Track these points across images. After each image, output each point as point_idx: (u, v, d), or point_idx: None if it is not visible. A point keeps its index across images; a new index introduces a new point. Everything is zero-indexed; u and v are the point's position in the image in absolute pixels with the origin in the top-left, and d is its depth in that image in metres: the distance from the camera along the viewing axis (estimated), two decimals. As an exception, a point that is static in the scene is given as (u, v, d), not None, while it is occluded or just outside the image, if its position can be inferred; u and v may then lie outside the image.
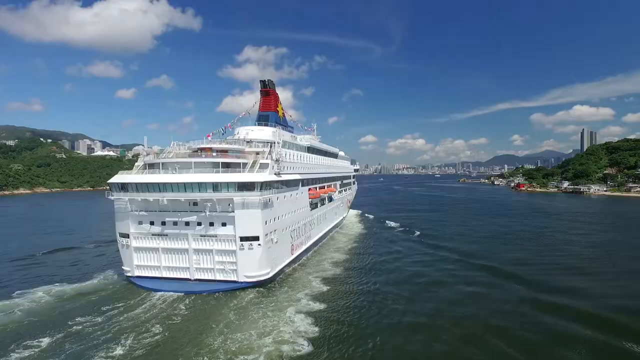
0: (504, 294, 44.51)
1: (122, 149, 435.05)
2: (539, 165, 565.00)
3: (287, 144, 61.12)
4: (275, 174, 50.46)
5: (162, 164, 49.74)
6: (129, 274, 49.28)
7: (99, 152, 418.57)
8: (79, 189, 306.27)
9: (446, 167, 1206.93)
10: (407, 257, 63.27)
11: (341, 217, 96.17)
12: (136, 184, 47.33)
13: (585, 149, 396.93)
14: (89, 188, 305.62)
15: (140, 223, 48.77)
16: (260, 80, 71.14)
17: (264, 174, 47.45)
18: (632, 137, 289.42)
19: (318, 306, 39.44)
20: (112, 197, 49.09)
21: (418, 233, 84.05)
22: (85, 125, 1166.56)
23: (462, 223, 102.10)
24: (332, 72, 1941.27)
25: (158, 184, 46.27)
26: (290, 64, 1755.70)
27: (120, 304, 40.01)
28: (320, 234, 72.54)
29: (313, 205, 68.81)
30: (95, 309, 38.68)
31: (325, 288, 45.69)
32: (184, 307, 39.47)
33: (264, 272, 47.08)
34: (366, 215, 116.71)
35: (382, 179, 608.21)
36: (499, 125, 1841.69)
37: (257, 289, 45.13)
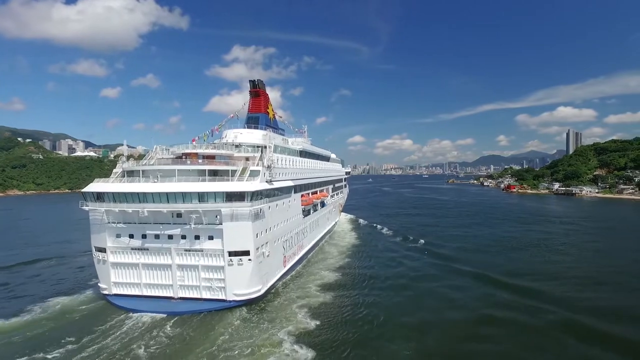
0: (532, 319, 39.52)
1: (104, 150, 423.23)
2: (524, 165, 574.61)
3: (278, 148, 57.24)
4: (266, 181, 46.51)
5: (143, 171, 45.59)
6: (105, 292, 45.12)
7: (78, 153, 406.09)
8: (56, 191, 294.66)
9: (434, 168, 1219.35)
10: (412, 276, 55.60)
11: (333, 222, 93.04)
12: (113, 193, 43.13)
13: (571, 150, 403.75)
14: (67, 190, 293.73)
15: (118, 236, 44.85)
16: (250, 81, 68.06)
17: (254, 183, 43.52)
18: (615, 137, 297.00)
19: (305, 354, 32.08)
20: (86, 208, 44.68)
21: (422, 241, 78.12)
22: (69, 125, 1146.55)
23: (462, 229, 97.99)
24: (321, 72, 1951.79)
25: (138, 193, 42.29)
26: (279, 64, 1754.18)
27: (60, 349, 32.26)
28: (313, 242, 68.71)
29: (305, 212, 64.97)
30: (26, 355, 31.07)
31: (313, 324, 37.62)
32: (141, 351, 32.25)
33: (255, 290, 43.34)
34: (359, 220, 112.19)
35: (370, 180, 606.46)
36: (485, 126, 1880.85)
37: (240, 314, 40.41)
